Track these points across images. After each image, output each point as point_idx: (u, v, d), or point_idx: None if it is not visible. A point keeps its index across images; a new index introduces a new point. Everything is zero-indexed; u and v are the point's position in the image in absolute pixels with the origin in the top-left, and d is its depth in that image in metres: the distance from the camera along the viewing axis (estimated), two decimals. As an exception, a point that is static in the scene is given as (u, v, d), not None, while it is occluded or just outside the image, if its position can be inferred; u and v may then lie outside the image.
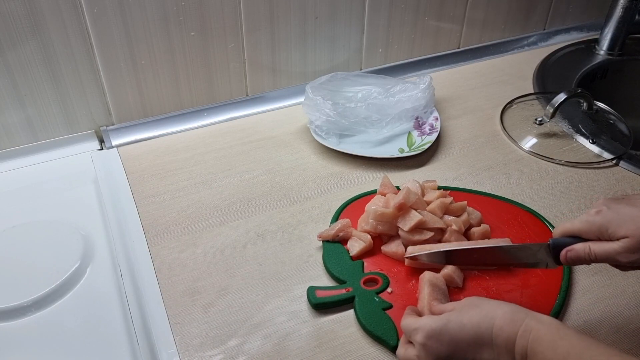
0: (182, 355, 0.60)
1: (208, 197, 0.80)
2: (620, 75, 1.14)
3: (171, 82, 0.93)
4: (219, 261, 0.71)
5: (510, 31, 1.19)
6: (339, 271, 0.68)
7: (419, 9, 1.05)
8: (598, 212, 0.55)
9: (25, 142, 0.89)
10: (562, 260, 0.57)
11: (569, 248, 0.56)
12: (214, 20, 0.90)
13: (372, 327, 0.61)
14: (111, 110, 0.92)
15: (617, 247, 0.53)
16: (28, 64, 0.82)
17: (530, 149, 0.89)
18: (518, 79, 1.08)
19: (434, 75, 0.98)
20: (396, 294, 0.65)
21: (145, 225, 0.75)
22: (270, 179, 0.83)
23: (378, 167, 0.85)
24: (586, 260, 0.55)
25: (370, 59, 1.08)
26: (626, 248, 0.52)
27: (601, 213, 0.54)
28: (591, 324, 0.62)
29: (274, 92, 1.02)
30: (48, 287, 0.67)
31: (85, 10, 0.81)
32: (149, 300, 0.66)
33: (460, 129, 0.94)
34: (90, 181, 0.84)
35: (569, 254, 0.56)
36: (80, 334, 0.64)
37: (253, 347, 0.61)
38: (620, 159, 0.87)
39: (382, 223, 0.69)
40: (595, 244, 0.54)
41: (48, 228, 0.76)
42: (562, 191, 0.81)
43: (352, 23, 1.01)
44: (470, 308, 0.52)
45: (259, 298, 0.66)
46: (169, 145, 0.90)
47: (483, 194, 0.80)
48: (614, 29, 1.11)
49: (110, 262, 0.72)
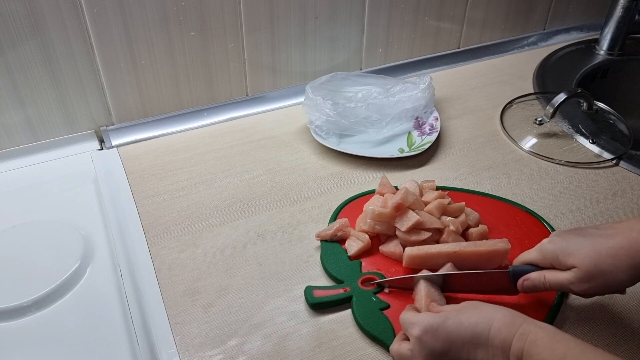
0: (182, 355, 0.60)
1: (208, 197, 0.80)
2: (620, 75, 1.14)
3: (171, 82, 0.93)
4: (219, 261, 0.71)
5: (510, 31, 1.19)
6: (337, 271, 0.68)
7: (419, 9, 1.05)
8: (550, 242, 0.58)
9: (25, 142, 0.89)
10: (519, 288, 0.59)
11: (525, 277, 0.58)
12: (214, 20, 0.90)
13: (369, 327, 0.61)
14: (111, 110, 0.92)
15: (568, 276, 0.55)
16: (28, 64, 0.82)
17: (530, 149, 0.89)
18: (518, 79, 1.08)
19: (434, 75, 0.99)
20: (394, 294, 0.65)
21: (145, 225, 0.76)
22: (270, 179, 0.83)
23: (378, 167, 0.85)
24: (541, 288, 0.57)
25: (370, 59, 1.08)
26: (577, 278, 0.54)
27: (552, 242, 0.57)
28: (590, 324, 0.63)
29: (274, 92, 1.02)
30: (48, 287, 0.67)
31: (85, 10, 0.81)
32: (149, 300, 0.66)
33: (460, 129, 0.94)
34: (90, 181, 0.85)
35: (525, 282, 0.58)
36: (80, 334, 0.64)
37: (253, 347, 0.61)
38: (620, 159, 0.87)
39: (380, 223, 0.70)
40: (550, 273, 0.57)
41: (48, 228, 0.76)
42: (562, 191, 0.81)
43: (352, 23, 1.01)
44: (469, 309, 0.53)
45: (259, 298, 0.66)
46: (169, 145, 0.90)
47: (482, 194, 0.80)
48: (614, 29, 1.11)
49: (110, 262, 0.72)
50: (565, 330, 0.60)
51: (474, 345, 0.50)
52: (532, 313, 0.53)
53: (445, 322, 0.52)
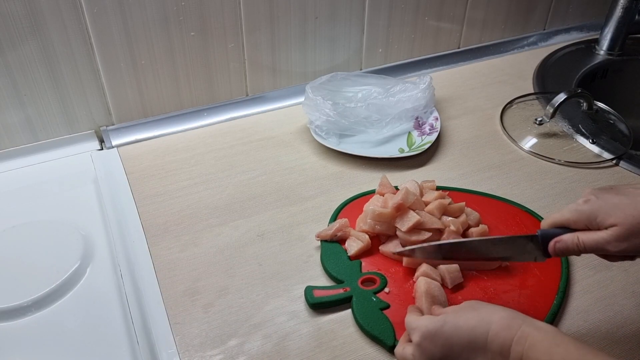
0: (182, 355, 0.60)
1: (208, 197, 0.80)
2: (620, 75, 1.14)
3: (171, 82, 0.93)
4: (219, 261, 0.71)
5: (510, 31, 1.19)
6: (337, 271, 0.68)
7: (419, 9, 1.05)
8: (586, 202, 0.54)
9: (25, 142, 0.89)
10: (550, 252, 0.55)
11: (557, 239, 0.54)
12: (214, 20, 0.90)
13: (369, 326, 0.61)
14: (111, 110, 0.92)
15: (606, 236, 0.51)
16: (28, 64, 0.82)
17: (530, 149, 0.89)
18: (518, 79, 1.08)
19: (434, 75, 0.99)
20: (394, 294, 0.65)
21: (145, 225, 0.76)
22: (270, 179, 0.83)
23: (378, 167, 0.85)
24: (575, 251, 0.54)
25: (370, 59, 1.08)
26: (615, 237, 0.51)
27: (589, 202, 0.53)
28: (591, 324, 0.62)
29: (274, 92, 1.02)
30: (48, 287, 0.67)
31: (85, 10, 0.81)
32: (149, 300, 0.66)
33: (460, 129, 0.94)
34: (90, 181, 0.85)
35: (557, 245, 0.54)
36: (80, 334, 0.64)
37: (253, 347, 0.61)
38: (620, 159, 0.87)
39: (380, 223, 0.69)
40: (584, 234, 0.53)
41: (48, 228, 0.76)
42: (562, 191, 0.81)
43: (352, 23, 1.01)
44: (467, 311, 0.52)
45: (259, 298, 0.66)
46: (169, 145, 0.90)
47: (482, 194, 0.80)
48: (614, 29, 1.11)
49: (110, 262, 0.72)
50: (566, 331, 0.60)
51: (472, 350, 0.49)
52: (533, 313, 0.53)
53: (443, 327, 0.51)
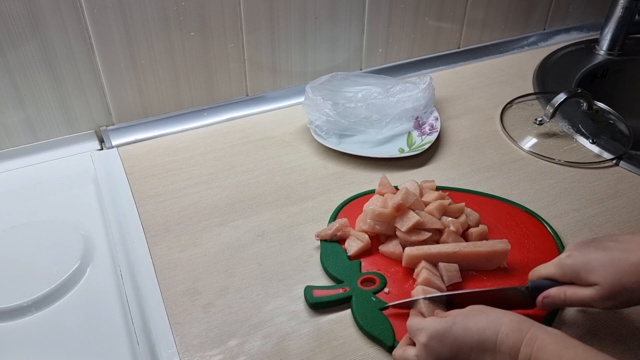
0: (182, 355, 0.60)
1: (208, 197, 0.80)
2: (620, 75, 1.14)
3: (171, 82, 0.93)
4: (219, 261, 0.71)
5: (510, 31, 1.19)
6: (337, 271, 0.68)
7: (419, 9, 1.05)
8: (569, 256, 0.56)
9: (25, 142, 0.89)
10: (538, 305, 0.58)
11: (545, 294, 0.57)
12: (214, 20, 0.90)
13: (369, 327, 0.61)
14: (111, 110, 0.92)
15: (590, 294, 0.53)
16: (28, 64, 0.82)
17: (530, 149, 0.89)
18: (518, 79, 1.08)
19: (434, 75, 0.99)
20: (393, 294, 0.65)
21: (145, 225, 0.76)
22: (270, 179, 0.83)
23: (378, 167, 0.85)
24: (562, 305, 0.56)
25: (370, 59, 1.08)
26: (599, 296, 0.53)
27: (572, 257, 0.55)
28: (591, 324, 0.62)
29: (274, 92, 1.02)
30: (48, 287, 0.67)
31: (85, 10, 0.81)
32: (149, 300, 0.66)
33: (460, 129, 0.94)
34: (90, 181, 0.85)
35: (545, 300, 0.57)
36: (80, 334, 0.64)
37: (253, 347, 0.61)
38: (620, 159, 0.87)
39: (380, 223, 0.70)
40: (571, 290, 0.55)
41: (48, 228, 0.76)
42: (562, 191, 0.81)
43: (352, 23, 1.01)
44: (476, 314, 0.52)
45: (259, 298, 0.66)
46: (169, 145, 0.90)
47: (482, 194, 0.80)
48: (614, 29, 1.11)
49: (110, 262, 0.72)
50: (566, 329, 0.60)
51: (482, 350, 0.50)
52: (533, 312, 0.53)
53: (452, 327, 0.51)
